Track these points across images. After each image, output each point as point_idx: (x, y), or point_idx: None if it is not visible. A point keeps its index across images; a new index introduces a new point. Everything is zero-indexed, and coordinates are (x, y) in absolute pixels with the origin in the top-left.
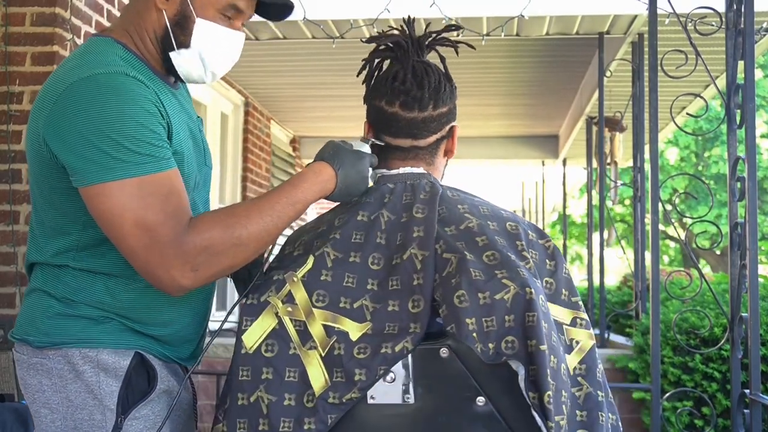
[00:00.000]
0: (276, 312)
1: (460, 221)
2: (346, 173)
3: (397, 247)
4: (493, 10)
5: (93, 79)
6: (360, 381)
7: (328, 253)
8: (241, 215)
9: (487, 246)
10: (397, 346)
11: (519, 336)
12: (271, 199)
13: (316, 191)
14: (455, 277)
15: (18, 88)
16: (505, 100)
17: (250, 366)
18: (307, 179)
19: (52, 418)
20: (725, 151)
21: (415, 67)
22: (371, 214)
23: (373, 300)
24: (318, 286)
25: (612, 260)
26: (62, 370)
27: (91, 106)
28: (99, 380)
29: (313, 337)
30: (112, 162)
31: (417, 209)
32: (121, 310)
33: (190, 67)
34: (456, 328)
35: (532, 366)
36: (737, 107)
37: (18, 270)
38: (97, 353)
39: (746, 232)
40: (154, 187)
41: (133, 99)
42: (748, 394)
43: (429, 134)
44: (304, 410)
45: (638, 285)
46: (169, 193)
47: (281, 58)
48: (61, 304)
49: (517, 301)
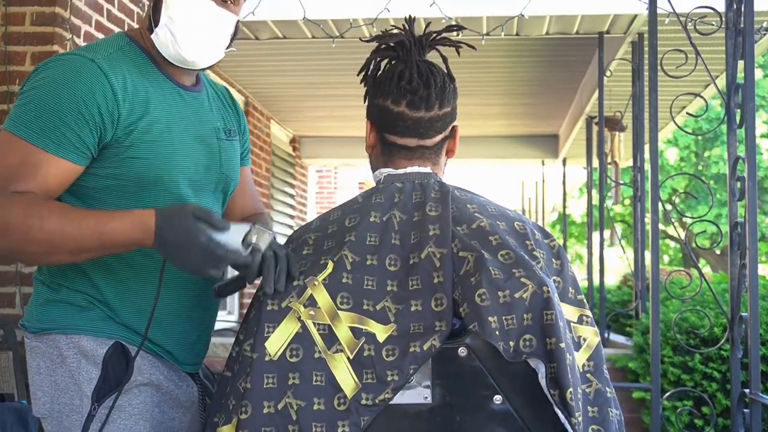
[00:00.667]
0: (298, 316)
1: (471, 220)
2: (173, 239)
3: (413, 247)
4: (493, 10)
5: (57, 59)
6: (393, 381)
7: (346, 256)
8: (49, 211)
9: (501, 245)
10: (425, 345)
11: (536, 334)
12: (85, 214)
13: (127, 236)
14: (474, 275)
15: (18, 88)
16: (505, 100)
17: (276, 373)
18: (125, 219)
19: (43, 401)
20: (725, 150)
21: (420, 67)
22: (383, 215)
23: (394, 301)
24: (341, 288)
25: (612, 260)
26: (52, 354)
27: (42, 76)
28: (80, 366)
29: (340, 340)
30: (19, 115)
31: (430, 207)
32: (102, 297)
33: (168, 45)
34: (479, 327)
35: (552, 363)
36: (737, 107)
37: (18, 270)
38: (79, 339)
39: (746, 231)
40: (17, 150)
41: (83, 82)
42: (748, 394)
43: (435, 134)
44: (336, 413)
45: (638, 285)
46: (20, 163)
47: (281, 57)
48: (49, 291)
49: (535, 300)
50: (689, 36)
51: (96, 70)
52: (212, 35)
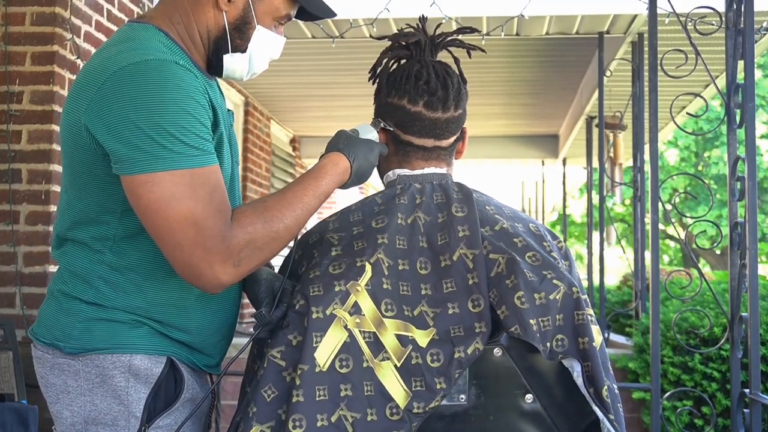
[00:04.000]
0: (344, 325)
1: (494, 222)
2: (359, 164)
3: (442, 248)
4: (493, 10)
5: (143, 65)
6: (442, 389)
7: (382, 260)
8: (275, 209)
9: (526, 247)
10: (469, 349)
11: (568, 334)
12: (297, 192)
13: (336, 182)
14: (509, 277)
15: (18, 87)
16: (505, 100)
17: (327, 384)
18: (327, 171)
19: (73, 421)
20: (725, 151)
21: (435, 68)
22: (407, 217)
23: (430, 305)
24: (383, 294)
25: (612, 260)
26: (89, 374)
27: (142, 93)
28: (128, 386)
29: (386, 348)
30: (162, 152)
31: (456, 208)
32: (152, 314)
33: (236, 68)
34: (521, 329)
35: (586, 362)
36: (737, 107)
37: (18, 270)
38: (130, 358)
39: (746, 231)
40: (202, 180)
41: (183, 88)
42: (748, 394)
43: (450, 135)
44: (390, 423)
45: (638, 285)
46: (214, 188)
47: (281, 57)
48: (91, 308)
49: (566, 301)
50: (689, 36)
51: (185, 71)
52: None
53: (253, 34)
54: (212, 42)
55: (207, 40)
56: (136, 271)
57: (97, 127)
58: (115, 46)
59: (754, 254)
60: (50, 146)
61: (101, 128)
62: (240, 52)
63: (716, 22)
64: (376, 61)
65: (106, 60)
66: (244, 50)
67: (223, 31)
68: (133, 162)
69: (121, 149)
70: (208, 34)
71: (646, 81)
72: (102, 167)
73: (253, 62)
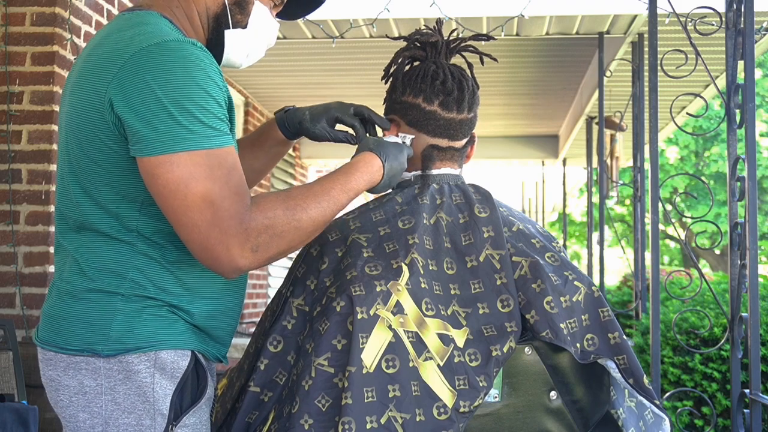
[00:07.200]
0: (389, 325)
1: (510, 223)
2: (390, 165)
3: (467, 249)
4: (493, 10)
5: (165, 45)
6: (484, 387)
7: (417, 260)
8: (299, 198)
9: (543, 248)
10: (504, 347)
11: (597, 332)
12: (325, 186)
13: (366, 180)
14: (535, 281)
15: (18, 88)
16: (505, 100)
17: (374, 386)
18: (358, 169)
19: (92, 423)
20: (725, 150)
21: (451, 70)
22: (430, 217)
23: (461, 305)
24: (423, 294)
25: (612, 260)
26: (111, 370)
27: (166, 72)
28: (153, 381)
29: (428, 347)
30: (183, 132)
31: (479, 209)
32: (179, 302)
33: (237, 47)
34: (552, 334)
35: (620, 356)
36: (737, 107)
37: (18, 270)
38: (156, 352)
39: (746, 231)
40: (220, 161)
41: (204, 69)
42: (748, 394)
43: (462, 137)
44: (438, 423)
45: (638, 285)
46: (232, 168)
47: (281, 58)
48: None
49: (589, 300)
50: (689, 36)
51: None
52: (267, 48)
53: (253, 9)
54: (212, 19)
55: (206, 18)
56: (167, 258)
57: (120, 102)
58: (130, 30)
59: (754, 254)
60: (50, 146)
61: (124, 105)
62: (241, 27)
63: (716, 23)
64: (390, 60)
65: (126, 40)
66: (245, 26)
67: (223, 6)
68: (153, 142)
69: (143, 129)
70: (207, 12)
71: (646, 81)
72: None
73: (253, 43)
